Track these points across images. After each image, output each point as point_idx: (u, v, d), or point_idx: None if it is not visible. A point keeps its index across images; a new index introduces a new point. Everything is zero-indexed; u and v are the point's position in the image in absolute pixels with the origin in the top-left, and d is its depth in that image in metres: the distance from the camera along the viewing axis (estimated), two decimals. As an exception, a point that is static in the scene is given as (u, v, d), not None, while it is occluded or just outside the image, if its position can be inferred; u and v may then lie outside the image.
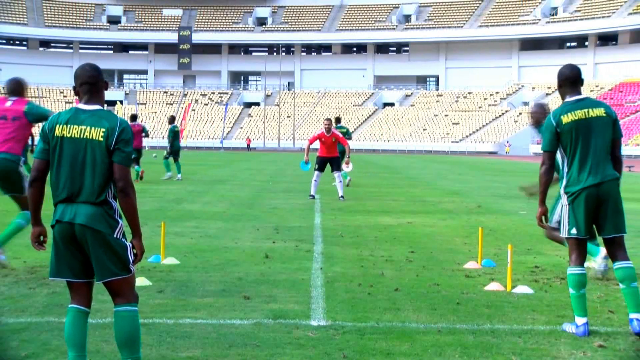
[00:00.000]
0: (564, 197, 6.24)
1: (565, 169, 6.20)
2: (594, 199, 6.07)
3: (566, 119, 6.09)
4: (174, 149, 24.32)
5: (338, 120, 22.81)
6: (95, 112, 4.43)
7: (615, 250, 6.14)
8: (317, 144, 18.29)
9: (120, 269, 4.40)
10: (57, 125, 4.41)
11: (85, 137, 4.36)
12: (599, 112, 6.14)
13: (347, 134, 21.82)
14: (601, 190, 6.07)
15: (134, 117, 23.91)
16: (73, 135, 4.37)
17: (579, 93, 6.23)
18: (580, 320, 6.04)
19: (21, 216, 8.36)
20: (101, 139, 4.34)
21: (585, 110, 6.12)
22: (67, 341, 4.43)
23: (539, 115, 8.37)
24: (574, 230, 6.11)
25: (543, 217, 6.45)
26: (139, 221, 4.48)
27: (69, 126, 4.39)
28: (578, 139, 6.09)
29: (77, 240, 4.37)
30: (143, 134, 22.55)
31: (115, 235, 4.38)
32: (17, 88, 8.66)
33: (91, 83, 4.48)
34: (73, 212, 4.35)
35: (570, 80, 6.21)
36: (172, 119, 25.39)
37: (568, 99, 6.22)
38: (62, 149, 4.39)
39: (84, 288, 4.50)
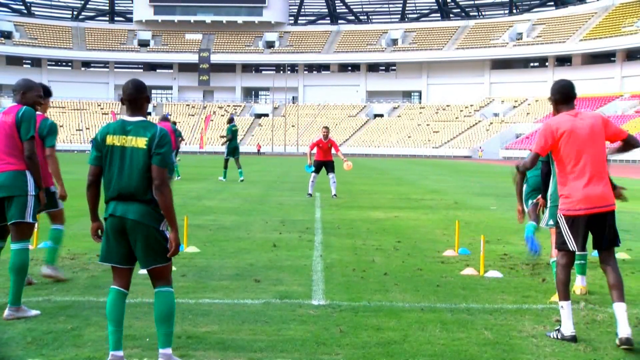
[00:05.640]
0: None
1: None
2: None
3: None
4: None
5: (231, 120, 23.24)
6: (139, 123, 4.42)
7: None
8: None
9: (163, 258, 4.40)
10: (108, 136, 4.41)
11: (132, 145, 4.35)
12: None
13: (236, 133, 22.74)
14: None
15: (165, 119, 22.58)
16: (122, 144, 4.37)
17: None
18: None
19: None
20: (144, 146, 4.33)
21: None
22: (108, 316, 4.42)
23: None
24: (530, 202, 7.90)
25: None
26: (175, 216, 4.42)
27: (117, 136, 4.39)
28: None
29: (126, 232, 4.36)
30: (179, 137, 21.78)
31: (160, 228, 4.38)
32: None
33: (130, 100, 4.49)
34: (125, 209, 4.35)
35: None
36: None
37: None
38: (113, 156, 4.38)
39: (126, 273, 4.49)
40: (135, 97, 4.48)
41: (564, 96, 5.43)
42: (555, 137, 5.23)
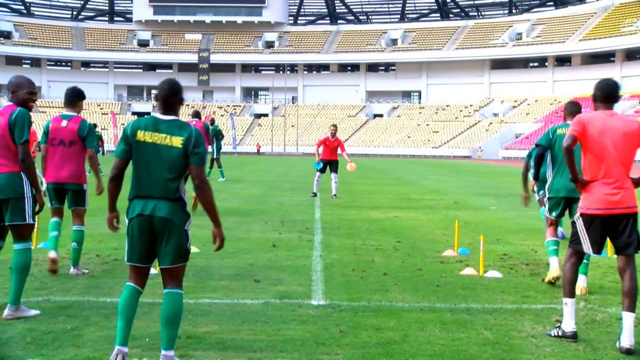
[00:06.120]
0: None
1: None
2: None
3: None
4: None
5: (212, 121, 23.96)
6: (173, 123, 4.39)
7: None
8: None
9: (183, 257, 4.40)
10: (139, 131, 4.36)
11: (165, 143, 4.32)
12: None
13: (220, 133, 23.61)
14: None
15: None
16: (154, 141, 4.33)
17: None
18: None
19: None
20: (180, 146, 4.31)
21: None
22: (120, 312, 4.40)
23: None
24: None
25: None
26: (217, 213, 4.40)
27: (149, 132, 4.35)
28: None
29: (153, 230, 4.34)
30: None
31: (185, 227, 4.38)
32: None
33: (165, 100, 4.44)
34: (153, 206, 4.33)
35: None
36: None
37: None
38: (144, 152, 4.35)
39: (144, 272, 4.48)
40: (170, 99, 4.45)
41: (605, 94, 5.30)
42: (586, 129, 5.18)
